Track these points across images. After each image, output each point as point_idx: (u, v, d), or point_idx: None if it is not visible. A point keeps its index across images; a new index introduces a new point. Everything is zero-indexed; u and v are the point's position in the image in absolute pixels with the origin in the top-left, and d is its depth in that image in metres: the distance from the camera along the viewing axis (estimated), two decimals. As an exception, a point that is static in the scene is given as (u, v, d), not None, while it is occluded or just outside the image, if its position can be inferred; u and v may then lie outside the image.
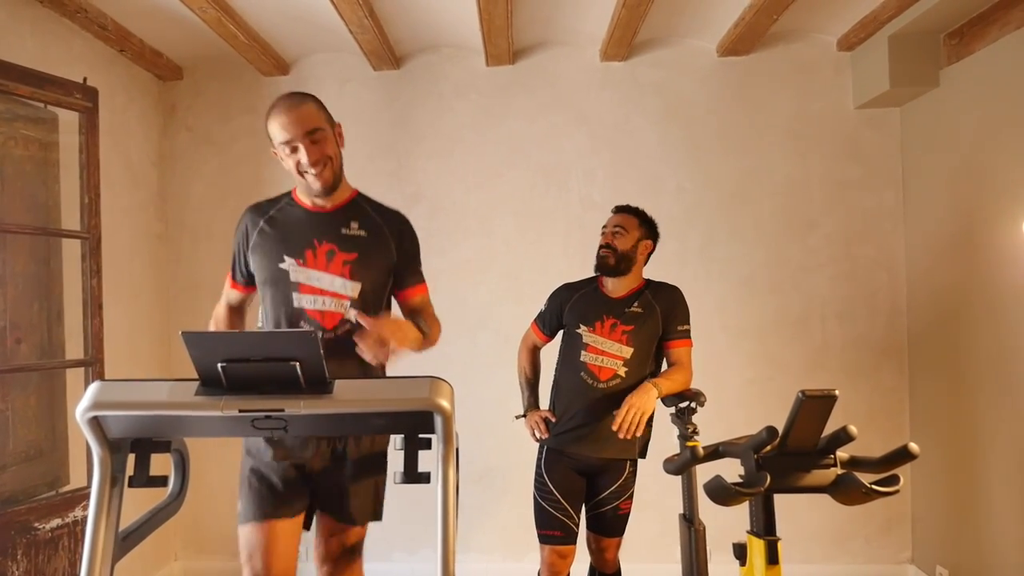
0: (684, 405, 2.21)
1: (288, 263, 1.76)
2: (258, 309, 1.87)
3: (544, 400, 2.49)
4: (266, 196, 1.90)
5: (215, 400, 1.20)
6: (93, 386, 1.23)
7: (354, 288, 1.76)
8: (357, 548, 1.84)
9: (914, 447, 1.48)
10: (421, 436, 1.37)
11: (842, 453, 1.54)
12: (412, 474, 1.38)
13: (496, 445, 3.19)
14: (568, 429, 2.30)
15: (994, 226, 2.62)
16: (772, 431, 1.46)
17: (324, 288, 1.75)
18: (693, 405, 2.20)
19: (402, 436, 1.38)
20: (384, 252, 1.82)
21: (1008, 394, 2.58)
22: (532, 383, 2.53)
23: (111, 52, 3.01)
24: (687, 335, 2.33)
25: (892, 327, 3.25)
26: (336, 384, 1.24)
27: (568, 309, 2.39)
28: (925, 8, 2.66)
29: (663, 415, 2.31)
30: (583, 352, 2.30)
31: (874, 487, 1.46)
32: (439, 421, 1.26)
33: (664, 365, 2.37)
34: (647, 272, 2.40)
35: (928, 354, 3.11)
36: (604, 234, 2.35)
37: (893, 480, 1.47)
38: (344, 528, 1.80)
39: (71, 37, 2.77)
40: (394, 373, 1.83)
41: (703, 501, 1.80)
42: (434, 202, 3.36)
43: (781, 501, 1.57)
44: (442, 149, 3.37)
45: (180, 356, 3.30)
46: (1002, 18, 2.54)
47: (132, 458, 1.37)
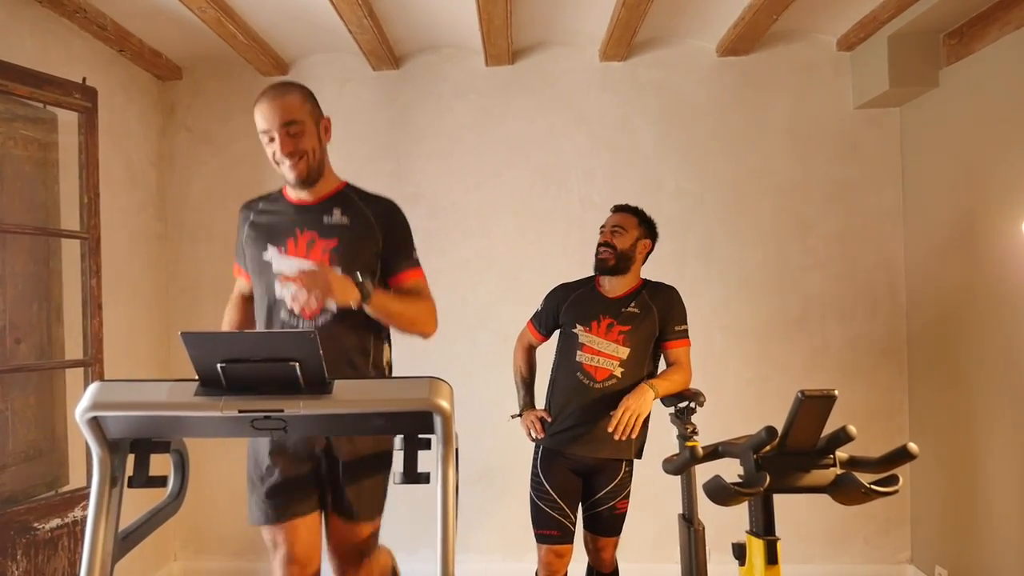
0: (683, 405, 2.21)
1: (270, 252, 1.78)
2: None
3: (540, 400, 2.49)
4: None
5: (214, 400, 1.20)
6: (92, 386, 1.23)
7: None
8: (369, 546, 1.83)
9: (913, 447, 1.48)
10: (421, 436, 1.37)
11: (841, 453, 1.53)
12: (412, 474, 1.38)
13: (496, 445, 3.19)
14: (564, 429, 2.31)
15: (994, 226, 2.62)
16: (771, 431, 1.46)
17: None
18: (692, 405, 2.20)
19: (402, 436, 1.38)
20: (368, 238, 1.79)
21: (1007, 394, 2.58)
22: (528, 382, 2.53)
23: (110, 52, 3.01)
24: (685, 335, 2.33)
25: (891, 327, 3.25)
26: (335, 384, 1.24)
27: (564, 309, 2.39)
28: (925, 8, 2.66)
29: (660, 416, 2.30)
30: (579, 352, 2.30)
31: (873, 487, 1.46)
32: (439, 421, 1.26)
33: (663, 365, 2.37)
34: (646, 271, 2.40)
35: (927, 354, 3.11)
36: (603, 233, 2.35)
37: (892, 480, 1.47)
38: (351, 526, 1.79)
39: (70, 37, 2.77)
40: (394, 374, 1.83)
41: (702, 501, 1.80)
42: (433, 202, 3.36)
43: (780, 501, 1.57)
44: (441, 149, 3.37)
45: (179, 356, 3.30)
46: (1002, 18, 2.54)
47: (131, 458, 1.37)
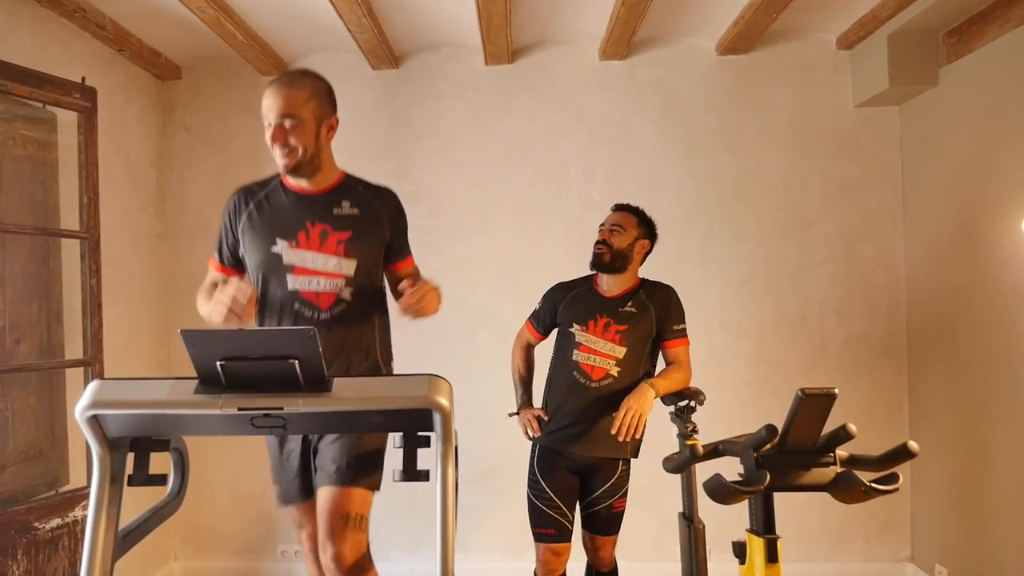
0: (683, 404, 2.21)
1: (280, 246, 1.77)
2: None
3: (538, 398, 2.49)
4: None
5: (214, 398, 1.20)
6: (92, 385, 1.23)
7: (349, 266, 1.77)
8: (354, 521, 1.70)
9: (913, 445, 1.48)
10: (420, 434, 1.37)
11: (841, 451, 1.53)
12: (411, 472, 1.38)
13: (495, 444, 3.19)
14: (560, 428, 2.31)
15: (994, 224, 2.62)
16: (772, 429, 1.46)
17: (318, 269, 1.76)
18: (692, 404, 2.20)
19: (401, 434, 1.38)
20: (378, 229, 1.84)
21: (1008, 392, 2.58)
22: (526, 381, 2.53)
23: (110, 52, 3.01)
24: (683, 334, 2.33)
25: (891, 325, 3.25)
26: (335, 382, 1.24)
27: (562, 308, 2.39)
28: (924, 6, 2.66)
29: (660, 414, 2.30)
30: (576, 351, 2.30)
31: (873, 485, 1.46)
32: (438, 419, 1.26)
33: (662, 364, 2.37)
34: (646, 268, 2.40)
35: (927, 352, 3.11)
36: (602, 231, 2.35)
37: (892, 478, 1.47)
38: (335, 491, 1.69)
39: (69, 37, 2.76)
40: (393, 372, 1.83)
41: (702, 500, 1.80)
42: (433, 201, 3.36)
43: (780, 499, 1.57)
44: (441, 148, 3.37)
45: (179, 355, 3.29)
46: (1002, 16, 2.54)
47: (131, 457, 1.37)
